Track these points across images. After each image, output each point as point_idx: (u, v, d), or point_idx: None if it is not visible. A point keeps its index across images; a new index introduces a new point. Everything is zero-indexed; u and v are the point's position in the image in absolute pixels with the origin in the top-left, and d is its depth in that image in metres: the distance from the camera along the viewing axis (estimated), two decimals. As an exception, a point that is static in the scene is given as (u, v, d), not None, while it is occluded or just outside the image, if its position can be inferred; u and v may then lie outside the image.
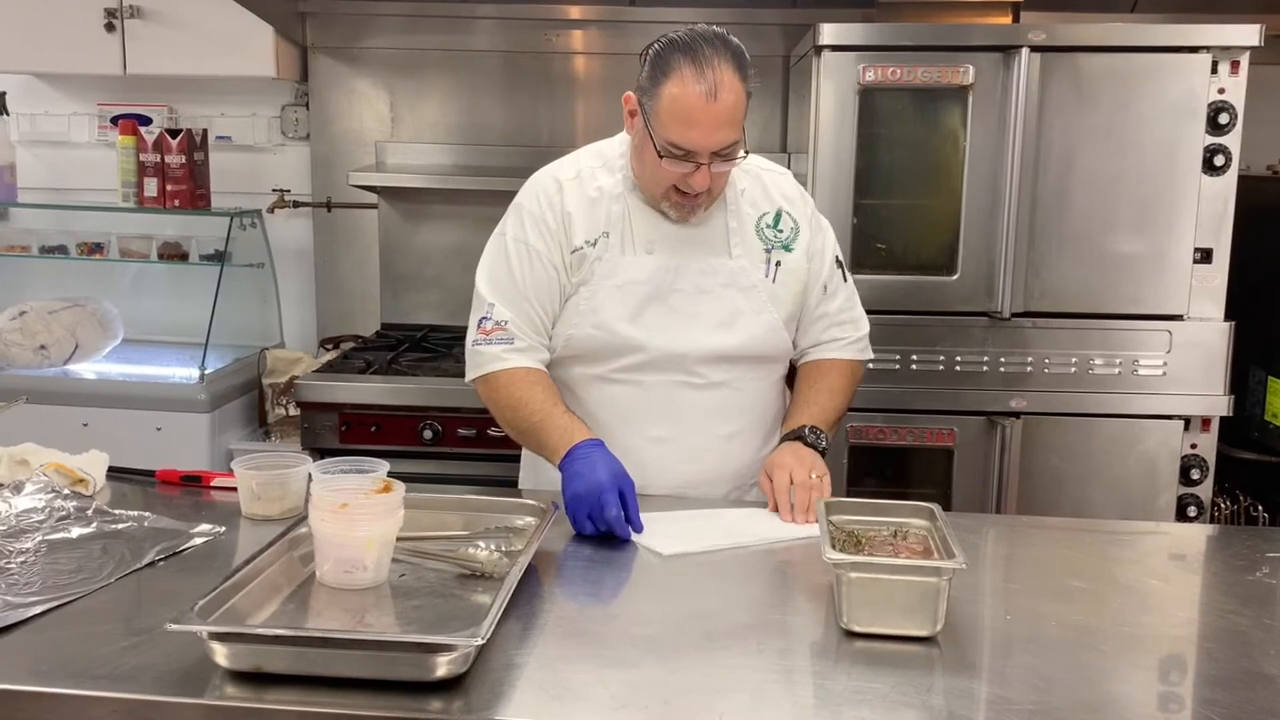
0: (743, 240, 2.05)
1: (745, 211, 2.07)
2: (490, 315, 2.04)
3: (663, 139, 1.88)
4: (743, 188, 2.07)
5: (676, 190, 1.95)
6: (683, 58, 1.84)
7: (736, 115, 1.86)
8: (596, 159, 2.09)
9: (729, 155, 1.90)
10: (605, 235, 2.02)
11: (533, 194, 2.06)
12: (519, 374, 2.02)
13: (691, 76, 1.82)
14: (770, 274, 2.05)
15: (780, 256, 2.07)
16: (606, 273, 2.01)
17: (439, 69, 3.70)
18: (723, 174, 1.95)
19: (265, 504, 1.84)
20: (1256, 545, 1.92)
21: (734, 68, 1.85)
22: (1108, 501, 2.84)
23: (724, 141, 1.87)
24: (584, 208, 2.03)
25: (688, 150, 1.87)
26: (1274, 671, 1.43)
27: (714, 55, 1.83)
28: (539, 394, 2.00)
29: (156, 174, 3.50)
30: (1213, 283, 2.80)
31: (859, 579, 1.43)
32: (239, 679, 1.29)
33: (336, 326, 3.79)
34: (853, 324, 2.16)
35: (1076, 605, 1.62)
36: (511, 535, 1.70)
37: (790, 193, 2.12)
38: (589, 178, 2.05)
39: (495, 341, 2.02)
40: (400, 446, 3.01)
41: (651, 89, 1.88)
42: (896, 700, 1.30)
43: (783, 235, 2.07)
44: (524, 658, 1.36)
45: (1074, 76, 2.75)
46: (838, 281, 2.14)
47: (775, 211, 2.08)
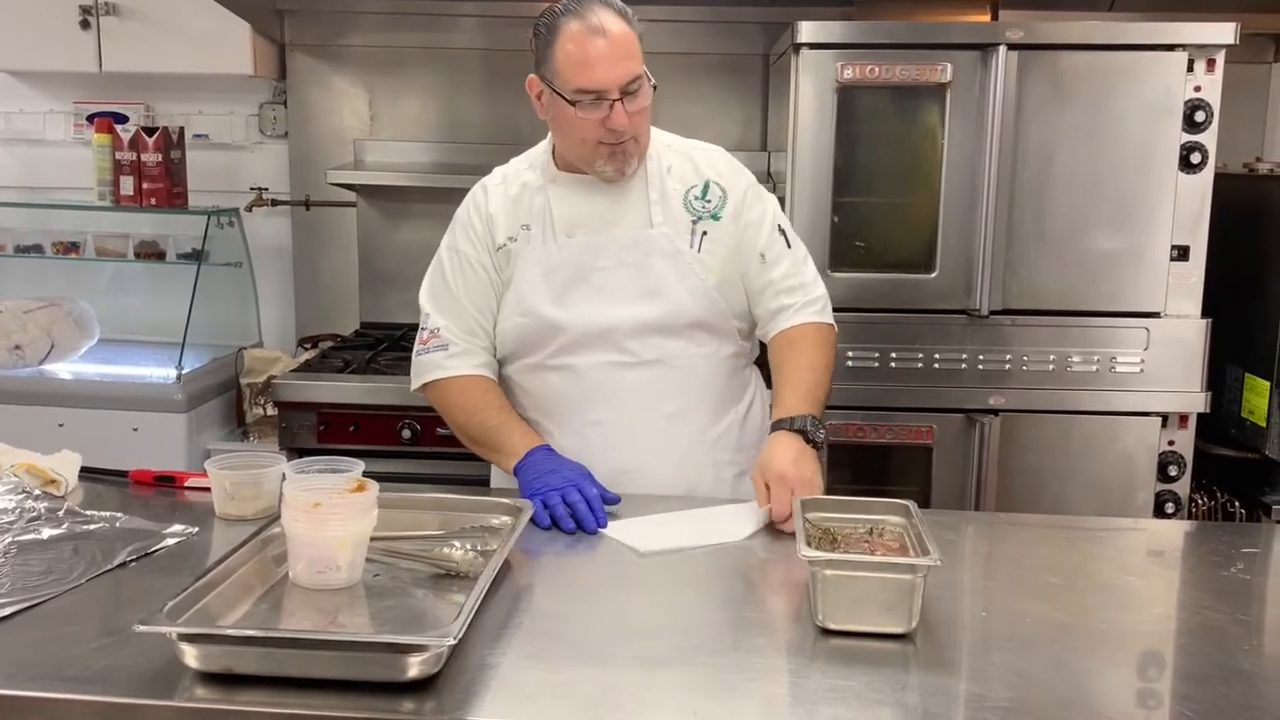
0: (666, 211, 2.07)
1: (671, 186, 2.09)
2: (426, 325, 2.13)
3: (570, 89, 1.93)
4: (669, 164, 2.10)
5: (605, 144, 1.97)
6: (565, 17, 1.93)
7: (631, 48, 1.93)
8: (524, 160, 2.16)
9: (635, 89, 1.94)
10: (526, 228, 2.07)
11: (464, 205, 2.15)
12: (466, 382, 2.09)
13: (579, 27, 1.91)
14: (695, 244, 2.07)
15: (707, 226, 2.08)
16: (530, 262, 2.06)
17: (418, 67, 3.68)
18: (640, 112, 1.97)
19: (239, 504, 1.83)
20: (1233, 541, 1.92)
21: (615, 12, 1.93)
22: (1086, 498, 2.85)
23: (627, 74, 1.92)
24: (506, 206, 2.09)
25: (596, 91, 1.91)
26: (1249, 667, 1.43)
27: (593, 5, 1.93)
28: (492, 400, 2.07)
29: (133, 172, 3.48)
30: (1190, 280, 2.81)
31: (834, 576, 1.43)
32: (210, 680, 1.28)
33: (315, 326, 3.77)
34: (802, 289, 2.13)
35: (1054, 602, 1.63)
36: (487, 535, 1.69)
37: (720, 166, 2.13)
38: (513, 178, 2.12)
39: (433, 349, 2.10)
40: (379, 446, 3.00)
41: (546, 55, 1.95)
42: (871, 698, 1.30)
43: (710, 205, 2.08)
44: (497, 657, 1.35)
45: (1052, 74, 2.76)
46: (780, 249, 2.12)
47: (704, 183, 2.10)
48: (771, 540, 1.80)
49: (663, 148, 2.12)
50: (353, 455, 1.78)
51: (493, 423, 2.04)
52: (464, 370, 2.09)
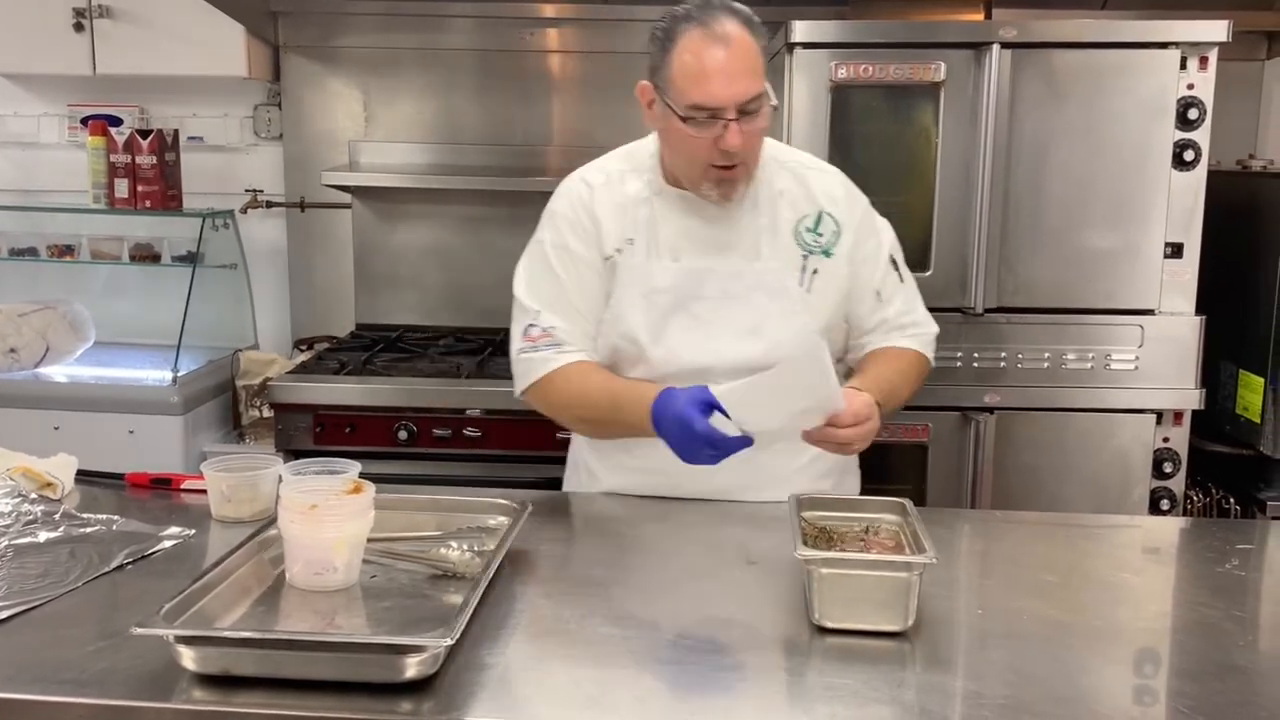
0: (775, 242, 1.96)
1: (782, 214, 1.97)
2: (537, 322, 1.97)
3: (683, 104, 1.81)
4: (781, 188, 1.99)
5: (714, 167, 1.86)
6: (687, 23, 1.81)
7: (753, 63, 1.80)
8: (626, 161, 2.03)
9: (754, 109, 1.81)
10: (630, 242, 1.97)
11: (565, 199, 2.02)
12: (570, 370, 1.95)
13: (699, 34, 1.79)
14: (805, 282, 1.96)
15: (818, 263, 1.97)
16: (631, 280, 1.96)
17: (413, 68, 3.68)
18: (755, 133, 1.85)
19: (235, 506, 1.83)
20: (1227, 538, 1.93)
21: (741, 23, 1.81)
22: (1081, 495, 2.85)
23: (745, 92, 1.79)
24: (612, 213, 1.98)
25: (711, 108, 1.80)
26: (1244, 663, 1.44)
27: (720, 14, 1.81)
28: (598, 378, 1.95)
29: (127, 175, 3.48)
30: (1184, 277, 2.81)
31: (830, 575, 1.43)
32: (207, 682, 1.28)
33: (311, 327, 3.77)
34: (915, 325, 2.06)
35: (1050, 599, 1.63)
36: (484, 535, 1.70)
37: (835, 193, 2.01)
38: (617, 182, 2.00)
39: (543, 347, 1.96)
40: (375, 447, 3.00)
41: (662, 62, 1.83)
42: (868, 696, 1.30)
43: (822, 240, 1.98)
44: (495, 658, 1.36)
45: (1045, 73, 2.77)
46: (893, 285, 2.04)
47: (816, 214, 1.98)
48: (768, 538, 1.80)
49: (775, 166, 2.00)
50: (349, 457, 1.78)
51: (607, 397, 1.91)
52: (571, 359, 1.95)
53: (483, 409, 3.01)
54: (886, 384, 1.94)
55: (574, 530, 1.85)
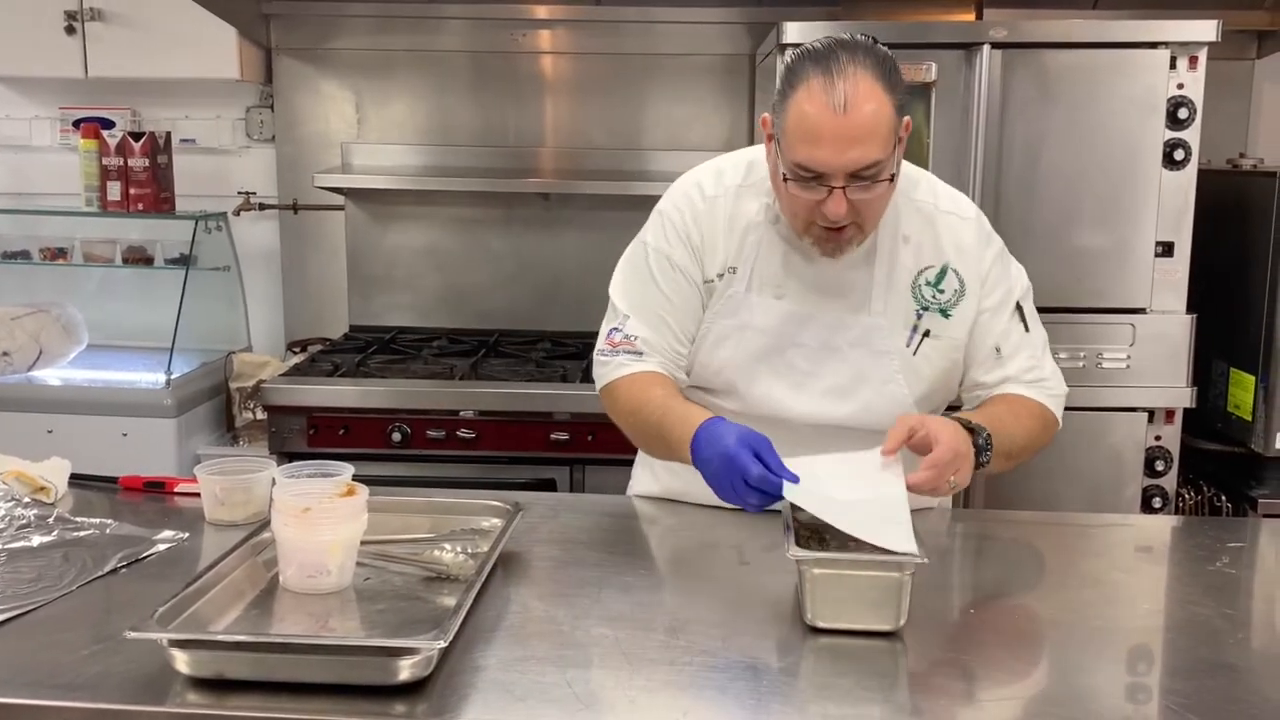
0: (890, 295, 1.81)
1: (903, 263, 1.81)
2: (622, 327, 1.88)
3: (790, 160, 1.65)
4: (907, 234, 1.82)
5: (818, 226, 1.71)
6: (814, 67, 1.62)
7: (876, 130, 1.61)
8: (745, 175, 1.86)
9: (870, 178, 1.64)
10: (733, 270, 1.83)
11: (678, 205, 1.88)
12: (639, 378, 1.84)
13: (820, 87, 1.60)
14: (913, 343, 1.82)
15: (932, 324, 1.82)
16: (728, 311, 1.84)
17: (405, 70, 3.68)
18: (870, 201, 1.67)
19: (229, 509, 1.83)
20: (1218, 536, 1.94)
21: (875, 76, 1.61)
22: (1074, 494, 2.86)
23: (859, 161, 1.61)
24: (722, 234, 1.84)
25: (816, 172, 1.63)
26: (1235, 660, 1.45)
27: (849, 63, 1.61)
28: (657, 392, 1.81)
29: (120, 177, 3.47)
30: (1175, 276, 2.82)
31: (822, 575, 1.44)
32: (201, 686, 1.28)
33: (305, 329, 3.76)
34: (1040, 384, 1.87)
35: (1042, 598, 1.64)
36: (477, 537, 1.70)
37: (965, 242, 1.83)
38: (733, 199, 1.85)
39: (622, 353, 1.87)
40: (369, 449, 3.00)
41: (781, 105, 1.66)
42: (860, 695, 1.31)
43: (942, 297, 1.82)
44: (488, 659, 1.36)
45: (1036, 73, 2.78)
46: (1016, 339, 1.86)
47: (941, 267, 1.82)
48: (761, 539, 1.81)
49: (905, 203, 1.82)
50: (343, 459, 1.77)
51: (657, 415, 1.78)
52: (642, 368, 1.85)
53: (476, 410, 3.01)
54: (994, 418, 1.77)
55: (567, 532, 1.85)
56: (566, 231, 3.67)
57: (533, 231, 3.69)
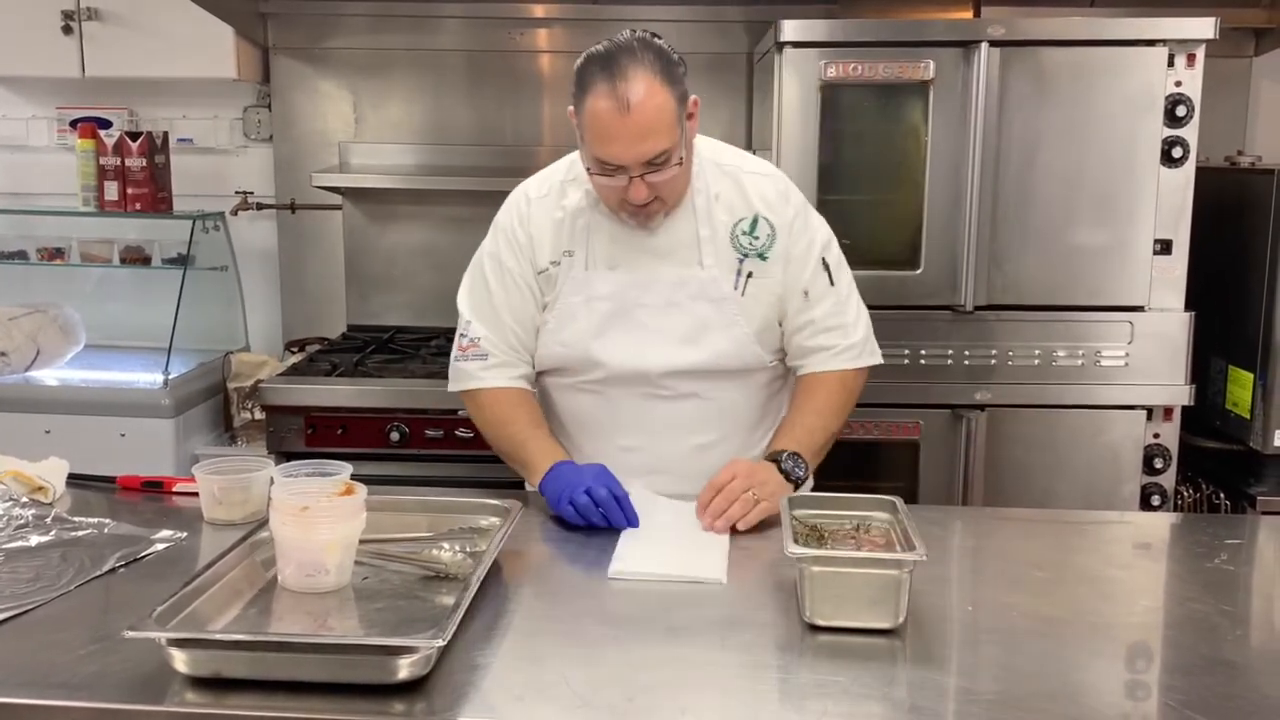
0: (715, 249, 2.00)
1: (719, 219, 2.00)
2: (467, 332, 2.08)
3: (589, 155, 1.86)
4: (717, 192, 2.01)
5: (628, 205, 1.91)
6: (599, 71, 1.80)
7: (660, 123, 1.79)
8: (569, 171, 2.06)
9: (661, 164, 1.83)
10: (569, 254, 2.01)
11: (507, 211, 2.08)
12: (500, 395, 2.05)
13: (605, 91, 1.78)
14: (740, 285, 2.00)
15: (753, 266, 2.00)
16: (571, 290, 2.01)
17: (403, 69, 3.68)
18: (666, 182, 1.87)
19: (227, 508, 1.83)
20: (1216, 533, 1.94)
21: (653, 73, 1.79)
22: (1073, 492, 2.87)
23: (648, 153, 1.81)
24: (549, 228, 2.02)
25: (614, 165, 1.83)
26: (1234, 657, 1.45)
27: (629, 64, 1.78)
28: (523, 415, 2.04)
29: (117, 177, 3.47)
30: (1173, 273, 2.82)
31: (821, 573, 1.44)
32: (199, 685, 1.28)
33: (302, 329, 3.76)
34: (841, 330, 2.06)
35: (1041, 596, 1.64)
36: (476, 536, 1.70)
37: (770, 196, 2.03)
38: (557, 194, 2.04)
39: (471, 358, 2.07)
40: (367, 449, 3.00)
41: (578, 103, 1.84)
42: (859, 693, 1.30)
43: (758, 243, 2.00)
44: (487, 658, 1.36)
45: (1033, 71, 2.77)
46: (822, 286, 2.05)
47: (752, 217, 2.01)
48: (760, 537, 1.81)
49: (712, 169, 2.02)
50: (341, 458, 1.77)
51: (519, 438, 2.01)
52: (499, 382, 2.05)
53: (475, 410, 3.00)
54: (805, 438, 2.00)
55: (565, 530, 1.85)
56: (564, 230, 3.66)
57: (530, 230, 3.67)
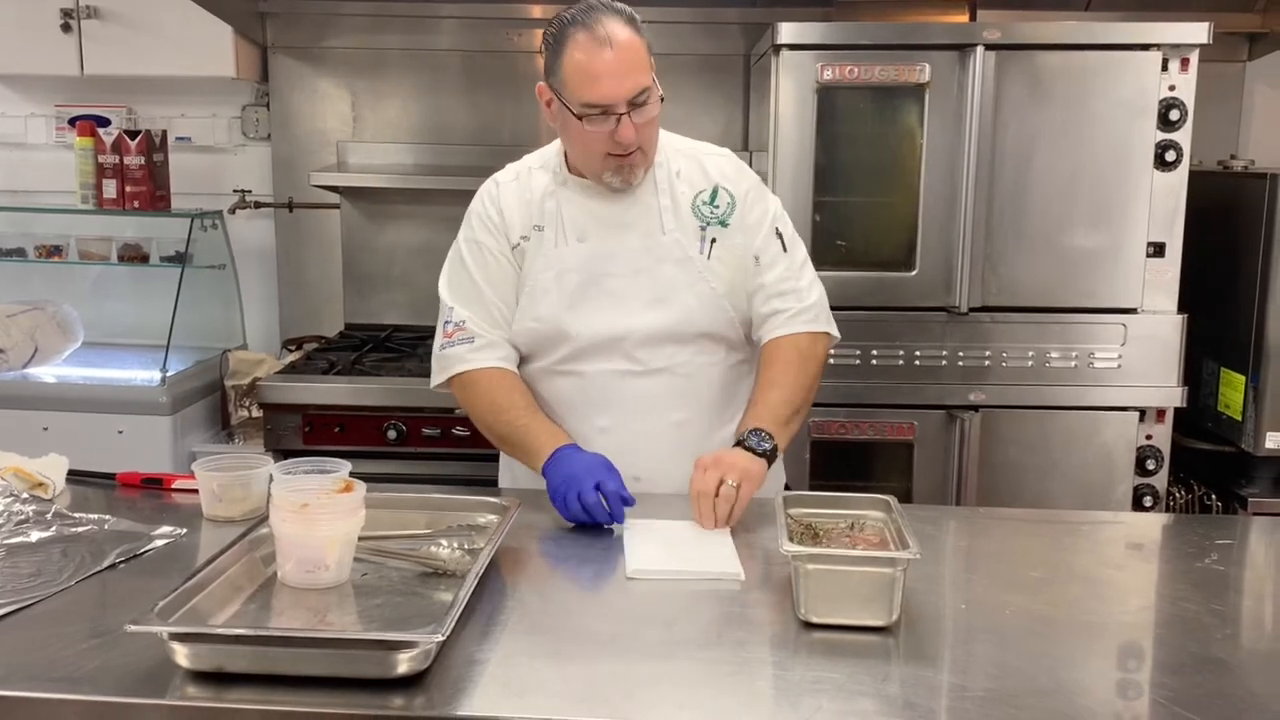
0: (677, 217, 2.07)
1: (680, 190, 2.09)
2: (451, 318, 2.11)
3: (578, 103, 1.92)
4: (678, 168, 2.10)
5: (612, 155, 1.97)
6: (574, 27, 1.91)
7: (639, 61, 1.92)
8: (536, 159, 2.16)
9: (645, 101, 1.93)
10: (538, 229, 2.07)
11: (477, 198, 2.15)
12: (493, 377, 2.07)
13: (586, 38, 1.89)
14: (705, 250, 2.07)
15: (716, 233, 2.08)
16: (542, 265, 2.06)
17: (401, 68, 3.69)
18: (648, 124, 1.96)
19: (227, 505, 1.84)
20: (1206, 533, 1.96)
21: (624, 20, 1.92)
22: (1066, 492, 2.89)
23: (634, 88, 1.91)
24: (519, 206, 2.09)
25: (603, 105, 1.91)
26: (1223, 656, 1.46)
27: (601, 14, 1.91)
28: (518, 399, 2.06)
29: (115, 175, 3.48)
30: (1166, 276, 2.84)
31: (815, 570, 1.45)
32: (201, 679, 1.29)
33: (300, 327, 3.77)
34: (794, 294, 2.11)
35: (1034, 595, 1.65)
36: (474, 533, 1.71)
37: (728, 171, 2.13)
38: (525, 178, 2.12)
39: (458, 342, 2.08)
40: (364, 447, 3.01)
41: (555, 65, 1.94)
42: (853, 689, 1.32)
43: (718, 211, 2.08)
44: (486, 654, 1.37)
45: (1028, 74, 2.79)
46: (774, 252, 2.11)
47: (712, 189, 2.09)
48: (756, 535, 1.82)
49: (672, 151, 2.11)
50: (339, 456, 1.79)
51: (520, 423, 2.03)
52: (489, 363, 2.07)
53: (472, 408, 3.02)
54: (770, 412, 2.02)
55: (562, 527, 1.86)
56: (561, 230, 3.67)
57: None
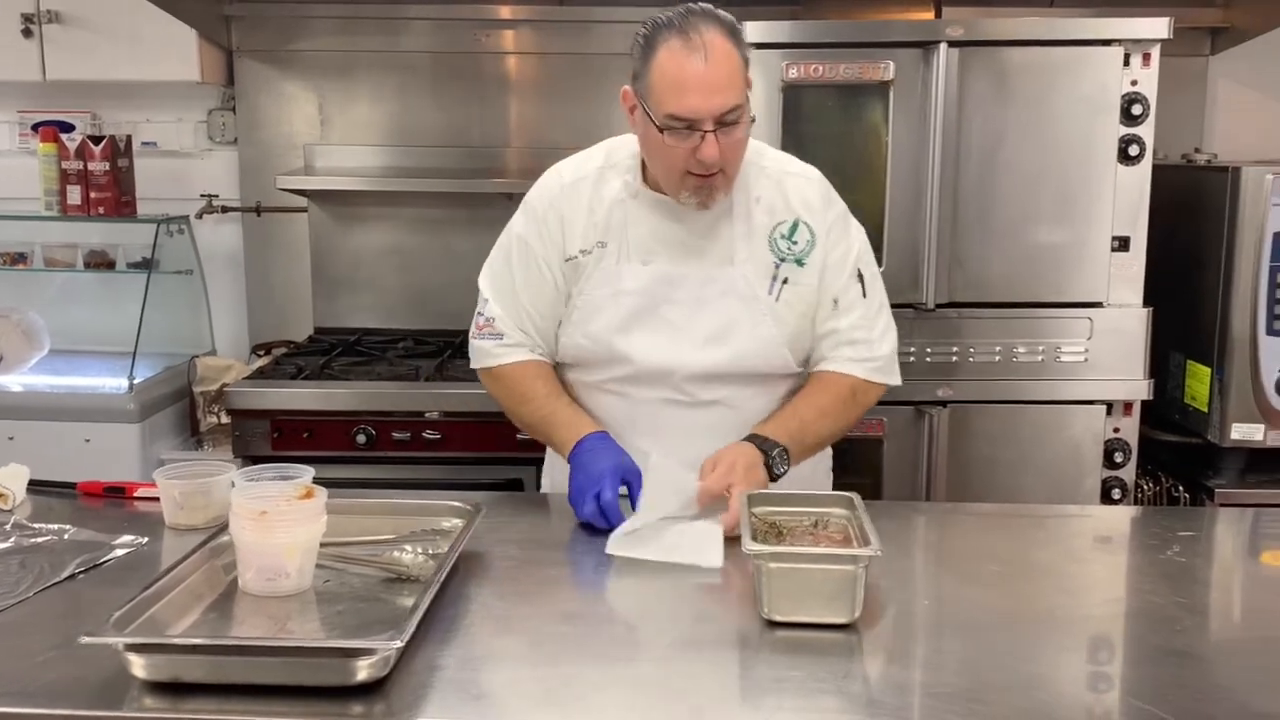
0: (750, 248, 1.96)
1: (758, 219, 1.97)
2: (484, 311, 2.06)
3: (661, 114, 1.81)
4: (758, 194, 1.98)
5: (692, 174, 1.86)
6: (668, 31, 1.80)
7: (733, 77, 1.80)
8: (607, 158, 2.03)
9: (733, 120, 1.81)
10: (601, 244, 1.97)
11: (539, 193, 2.04)
12: (519, 369, 2.03)
13: (680, 45, 1.78)
14: (774, 290, 1.96)
15: (789, 272, 1.97)
16: (601, 281, 1.97)
17: (368, 71, 3.67)
18: (734, 144, 1.84)
19: (189, 513, 1.83)
20: (1171, 525, 1.97)
21: (724, 32, 1.81)
22: (1035, 486, 2.89)
23: (724, 105, 1.79)
24: (583, 214, 1.98)
25: (689, 119, 1.79)
26: (1188, 647, 1.47)
27: (700, 23, 1.80)
28: (540, 388, 2.02)
29: (80, 181, 3.44)
30: (1131, 270, 2.86)
31: (778, 569, 1.45)
32: (158, 690, 1.28)
33: (270, 332, 3.74)
34: (867, 344, 2.01)
35: (1000, 589, 1.66)
36: (439, 537, 1.70)
37: (812, 200, 2.00)
38: (596, 181, 2.00)
39: (486, 337, 2.05)
40: (334, 452, 2.99)
41: (643, 70, 1.82)
42: (814, 687, 1.32)
43: (796, 248, 1.97)
44: (446, 659, 1.36)
45: (992, 71, 2.80)
46: (853, 296, 2.00)
47: (792, 221, 1.97)
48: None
49: (755, 171, 1.99)
50: (307, 462, 1.77)
51: (543, 413, 2.00)
52: (516, 358, 2.03)
53: (441, 411, 3.01)
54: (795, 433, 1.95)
55: (528, 531, 1.86)
56: (531, 231, 3.66)
57: (496, 231, 3.64)
